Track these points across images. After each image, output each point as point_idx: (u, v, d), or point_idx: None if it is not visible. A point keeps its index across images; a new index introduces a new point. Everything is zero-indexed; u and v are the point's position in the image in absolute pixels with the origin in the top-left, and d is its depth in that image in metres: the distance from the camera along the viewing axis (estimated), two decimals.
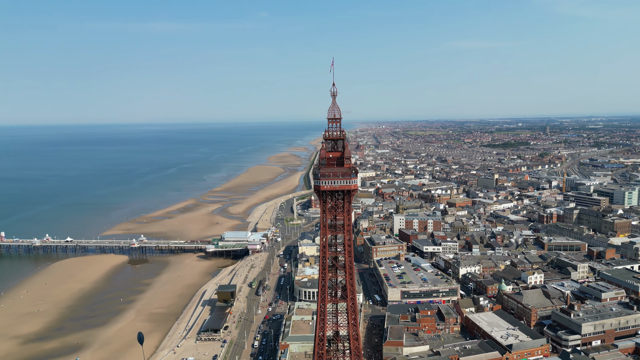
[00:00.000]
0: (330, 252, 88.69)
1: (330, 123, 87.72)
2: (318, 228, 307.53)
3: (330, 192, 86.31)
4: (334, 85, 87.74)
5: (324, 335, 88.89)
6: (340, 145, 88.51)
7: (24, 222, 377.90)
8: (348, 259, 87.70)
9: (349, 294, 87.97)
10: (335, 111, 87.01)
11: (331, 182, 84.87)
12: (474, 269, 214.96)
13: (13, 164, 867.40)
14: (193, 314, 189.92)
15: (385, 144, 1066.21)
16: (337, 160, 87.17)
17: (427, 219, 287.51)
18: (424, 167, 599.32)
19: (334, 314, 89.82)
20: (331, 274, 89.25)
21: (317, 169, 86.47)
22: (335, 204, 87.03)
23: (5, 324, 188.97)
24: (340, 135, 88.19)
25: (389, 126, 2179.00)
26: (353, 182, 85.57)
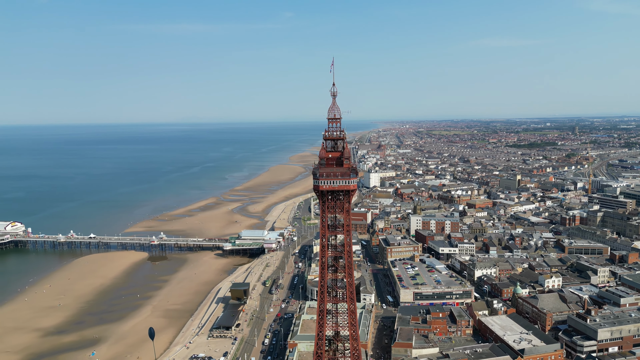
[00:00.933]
0: (331, 252, 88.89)
1: (330, 123, 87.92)
2: None
3: (330, 192, 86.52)
4: (334, 85, 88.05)
5: (324, 335, 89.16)
6: (340, 145, 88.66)
7: (51, 218, 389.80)
8: (347, 260, 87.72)
9: (348, 294, 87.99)
10: (335, 111, 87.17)
11: (330, 182, 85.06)
12: (490, 272, 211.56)
13: (44, 162, 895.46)
14: (207, 311, 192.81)
15: (407, 143, 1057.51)
16: (337, 160, 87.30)
17: (445, 220, 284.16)
18: (446, 167, 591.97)
19: (335, 314, 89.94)
20: (331, 274, 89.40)
21: (316, 169, 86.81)
22: (334, 204, 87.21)
23: (28, 317, 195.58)
24: (340, 135, 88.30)
25: (413, 126, 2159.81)
26: (352, 182, 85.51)
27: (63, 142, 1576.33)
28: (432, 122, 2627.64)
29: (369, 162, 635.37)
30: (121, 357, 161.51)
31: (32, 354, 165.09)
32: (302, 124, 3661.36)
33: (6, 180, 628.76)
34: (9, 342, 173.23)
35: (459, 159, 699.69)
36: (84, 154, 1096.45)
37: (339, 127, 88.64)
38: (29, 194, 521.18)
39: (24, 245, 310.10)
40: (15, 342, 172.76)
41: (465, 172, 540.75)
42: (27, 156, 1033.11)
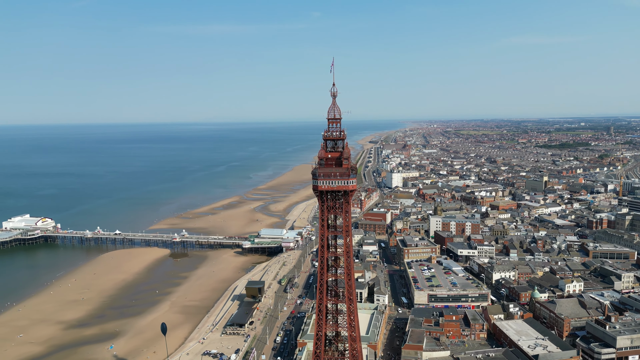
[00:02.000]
0: (331, 252, 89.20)
1: (330, 123, 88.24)
2: (353, 227, 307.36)
3: (329, 192, 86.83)
4: (334, 85, 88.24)
5: (322, 334, 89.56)
6: (340, 145, 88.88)
7: (81, 214, 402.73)
8: (347, 260, 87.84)
9: (347, 294, 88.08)
10: (335, 111, 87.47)
11: (329, 182, 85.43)
12: (509, 275, 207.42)
13: (76, 160, 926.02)
14: (222, 308, 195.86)
15: (434, 143, 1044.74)
16: (336, 160, 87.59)
17: (465, 221, 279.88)
18: (471, 167, 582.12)
19: (335, 314, 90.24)
20: (331, 274, 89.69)
21: (315, 169, 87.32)
22: (334, 204, 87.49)
23: (52, 309, 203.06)
24: (340, 135, 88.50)
25: (441, 125, 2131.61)
26: (351, 183, 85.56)
27: (95, 141, 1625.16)
28: (460, 122, 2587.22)
29: (393, 162, 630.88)
30: (138, 351, 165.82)
31: (54, 345, 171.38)
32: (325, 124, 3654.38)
33: (40, 178, 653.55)
34: (33, 333, 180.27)
35: (486, 159, 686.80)
36: (115, 152, 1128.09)
37: (339, 128, 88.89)
38: (61, 191, 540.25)
39: (53, 240, 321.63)
40: (40, 334, 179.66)
41: (491, 172, 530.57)
42: (61, 154, 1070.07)
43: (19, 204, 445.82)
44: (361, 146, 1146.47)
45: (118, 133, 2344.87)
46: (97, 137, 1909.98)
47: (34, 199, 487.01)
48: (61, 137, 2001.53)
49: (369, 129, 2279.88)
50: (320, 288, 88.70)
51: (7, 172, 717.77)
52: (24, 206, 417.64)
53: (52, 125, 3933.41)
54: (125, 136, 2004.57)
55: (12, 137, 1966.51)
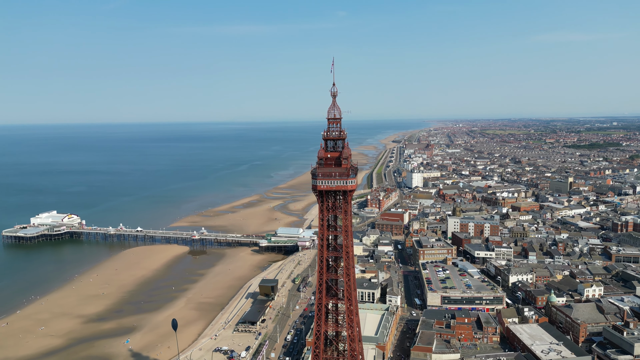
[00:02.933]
0: (331, 252, 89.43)
1: (330, 123, 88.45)
2: (370, 227, 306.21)
3: (328, 192, 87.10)
4: (334, 85, 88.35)
5: (321, 334, 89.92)
6: (340, 145, 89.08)
7: (106, 211, 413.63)
8: (346, 260, 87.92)
9: (346, 294, 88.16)
10: (335, 111, 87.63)
11: (328, 182, 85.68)
12: (526, 278, 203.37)
13: (104, 158, 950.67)
14: (236, 306, 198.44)
15: (458, 143, 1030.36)
16: (336, 160, 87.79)
17: (484, 222, 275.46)
18: (494, 168, 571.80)
19: (335, 314, 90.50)
20: (331, 274, 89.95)
21: (314, 169, 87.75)
22: (334, 204, 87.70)
23: (73, 303, 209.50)
24: (340, 135, 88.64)
25: (467, 125, 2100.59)
26: (350, 183, 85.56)
27: (122, 140, 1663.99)
28: (487, 121, 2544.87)
29: (414, 161, 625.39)
30: (152, 345, 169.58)
31: (73, 338, 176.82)
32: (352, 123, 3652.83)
33: (70, 175, 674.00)
34: (54, 326, 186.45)
35: (510, 159, 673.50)
36: (141, 151, 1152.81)
37: (339, 127, 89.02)
38: (88, 188, 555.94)
39: (78, 236, 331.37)
40: (60, 327, 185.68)
41: (515, 173, 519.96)
42: (90, 153, 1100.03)
43: (49, 200, 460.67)
44: (384, 145, 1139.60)
45: (145, 132, 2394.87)
46: (125, 136, 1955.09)
47: (63, 195, 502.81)
48: (89, 136, 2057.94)
49: (392, 128, 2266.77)
50: (320, 287, 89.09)
51: (38, 170, 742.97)
52: (53, 203, 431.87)
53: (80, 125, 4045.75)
54: (152, 135, 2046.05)
55: (41, 136, 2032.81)
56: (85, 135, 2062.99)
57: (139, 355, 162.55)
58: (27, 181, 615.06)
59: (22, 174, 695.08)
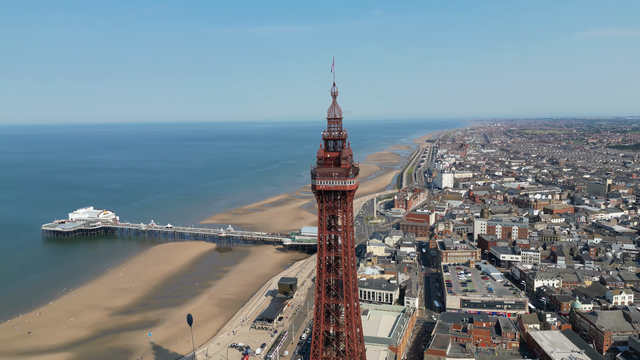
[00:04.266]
0: (331, 252, 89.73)
1: (330, 123, 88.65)
2: (395, 228, 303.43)
3: (327, 192, 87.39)
4: (335, 85, 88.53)
5: (320, 333, 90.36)
6: (341, 145, 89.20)
7: (140, 208, 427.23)
8: (345, 260, 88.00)
9: (345, 294, 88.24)
10: (335, 111, 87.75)
11: (327, 182, 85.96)
12: (552, 283, 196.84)
13: (143, 156, 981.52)
14: (256, 303, 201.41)
15: (494, 143, 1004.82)
16: (335, 160, 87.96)
17: (512, 225, 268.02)
18: (530, 169, 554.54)
19: (334, 314, 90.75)
20: (331, 274, 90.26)
21: (313, 169, 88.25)
22: (333, 204, 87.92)
23: (103, 296, 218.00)
24: (340, 135, 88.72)
25: (505, 124, 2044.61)
26: (349, 183, 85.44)
27: (161, 139, 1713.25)
28: (527, 121, 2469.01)
29: (447, 161, 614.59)
30: (173, 339, 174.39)
31: (99, 330, 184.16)
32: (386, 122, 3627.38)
33: (109, 173, 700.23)
34: (83, 317, 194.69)
35: (548, 160, 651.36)
36: (178, 149, 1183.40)
37: (339, 127, 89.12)
38: (126, 185, 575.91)
39: (112, 231, 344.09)
40: (88, 319, 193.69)
41: (551, 174, 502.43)
42: (130, 151, 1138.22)
43: (88, 196, 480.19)
44: (417, 145, 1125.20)
45: (182, 131, 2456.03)
46: (162, 135, 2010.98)
47: (101, 192, 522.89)
48: (128, 134, 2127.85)
49: (428, 128, 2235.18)
50: (319, 288, 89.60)
51: (80, 167, 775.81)
52: (91, 199, 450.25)
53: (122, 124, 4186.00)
54: (188, 134, 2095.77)
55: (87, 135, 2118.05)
56: (125, 134, 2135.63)
57: (159, 349, 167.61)
58: (68, 178, 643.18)
59: (65, 171, 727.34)
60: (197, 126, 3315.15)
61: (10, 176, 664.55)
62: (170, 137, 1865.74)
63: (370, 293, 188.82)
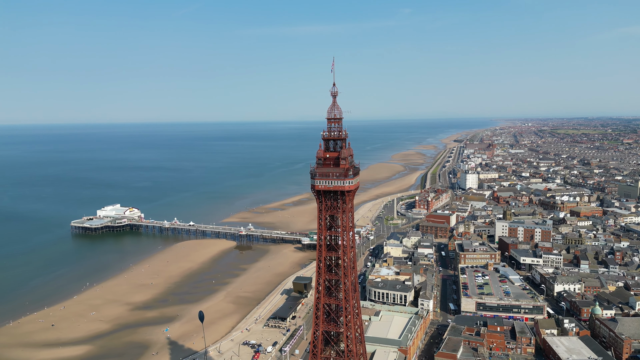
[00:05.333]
0: (331, 252, 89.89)
1: (330, 123, 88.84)
2: (414, 229, 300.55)
3: (326, 192, 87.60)
4: (335, 85, 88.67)
5: (320, 333, 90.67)
6: (341, 145, 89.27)
7: (166, 206, 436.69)
8: (344, 260, 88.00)
9: (344, 294, 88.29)
10: (335, 111, 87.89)
11: (325, 182, 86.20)
12: (573, 287, 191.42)
13: (173, 155, 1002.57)
14: (271, 301, 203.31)
15: (523, 143, 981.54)
16: (335, 160, 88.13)
17: (535, 227, 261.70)
18: (559, 170, 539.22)
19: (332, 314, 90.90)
20: (331, 274, 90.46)
21: (313, 169, 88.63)
22: (332, 204, 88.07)
23: (124, 292, 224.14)
24: (339, 135, 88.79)
25: (536, 124, 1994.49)
26: (347, 183, 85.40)
27: (191, 138, 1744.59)
28: (560, 120, 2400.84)
29: (472, 162, 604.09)
30: (189, 335, 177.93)
31: (119, 324, 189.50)
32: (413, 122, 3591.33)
33: (139, 171, 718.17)
34: (104, 312, 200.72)
35: (579, 161, 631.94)
36: (207, 149, 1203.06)
37: (338, 127, 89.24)
38: (153, 184, 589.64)
39: (137, 228, 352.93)
40: (109, 313, 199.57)
41: (581, 175, 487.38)
42: (159, 150, 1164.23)
43: (117, 194, 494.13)
44: (444, 145, 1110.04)
45: (211, 131, 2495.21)
46: (192, 135, 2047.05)
47: (129, 190, 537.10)
48: (158, 134, 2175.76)
49: (456, 127, 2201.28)
50: (319, 287, 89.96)
51: (112, 166, 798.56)
52: (119, 196, 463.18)
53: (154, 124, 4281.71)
54: (217, 134, 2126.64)
55: (118, 134, 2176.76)
56: (155, 134, 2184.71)
57: (174, 344, 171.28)
58: (99, 176, 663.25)
59: (96, 169, 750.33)
60: (225, 126, 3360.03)
61: (45, 174, 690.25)
62: (198, 136, 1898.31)
63: (384, 294, 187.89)
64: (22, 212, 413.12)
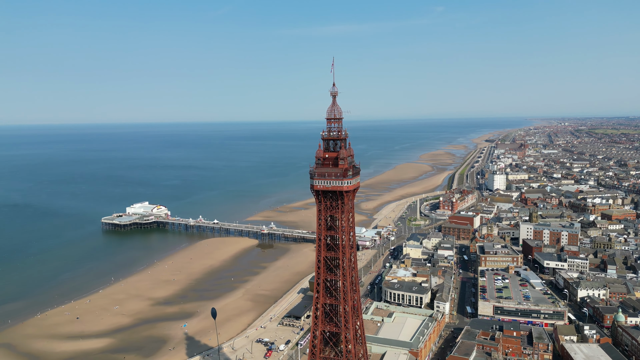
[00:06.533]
0: (330, 252, 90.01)
1: (329, 123, 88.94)
2: (437, 230, 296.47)
3: (325, 192, 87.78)
4: (334, 85, 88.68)
5: (319, 333, 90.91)
6: (339, 145, 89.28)
7: (193, 204, 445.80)
8: (342, 260, 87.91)
9: (342, 294, 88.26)
10: (335, 111, 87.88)
11: (324, 182, 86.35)
12: (597, 293, 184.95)
13: (203, 154, 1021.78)
14: (288, 300, 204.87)
15: (558, 143, 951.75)
16: (334, 160, 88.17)
17: (561, 230, 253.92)
18: (593, 171, 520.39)
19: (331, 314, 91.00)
20: (329, 274, 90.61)
21: (312, 169, 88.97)
22: (331, 204, 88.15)
23: (147, 287, 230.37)
24: (338, 135, 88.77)
25: (573, 123, 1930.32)
26: (346, 183, 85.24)
27: (222, 138, 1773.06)
28: (599, 119, 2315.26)
29: (502, 162, 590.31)
30: (205, 331, 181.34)
31: (140, 318, 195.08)
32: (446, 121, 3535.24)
33: (170, 170, 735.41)
34: (127, 306, 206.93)
35: (615, 162, 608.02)
36: (236, 148, 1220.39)
37: (338, 127, 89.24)
38: (183, 182, 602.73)
39: (164, 225, 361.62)
40: (131, 307, 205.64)
41: (616, 177, 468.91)
42: (191, 150, 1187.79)
43: (147, 192, 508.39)
44: (475, 145, 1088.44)
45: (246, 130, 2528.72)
46: (224, 134, 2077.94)
47: (159, 188, 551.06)
48: (193, 133, 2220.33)
49: (488, 127, 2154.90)
50: (317, 287, 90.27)
51: (144, 164, 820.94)
52: (149, 194, 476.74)
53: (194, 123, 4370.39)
54: (251, 133, 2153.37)
55: (151, 133, 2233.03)
56: (188, 133, 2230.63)
57: (191, 339, 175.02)
58: (131, 174, 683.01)
59: (129, 167, 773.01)
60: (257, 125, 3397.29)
61: (80, 172, 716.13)
62: (230, 136, 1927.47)
63: (400, 295, 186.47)
64: (57, 209, 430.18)
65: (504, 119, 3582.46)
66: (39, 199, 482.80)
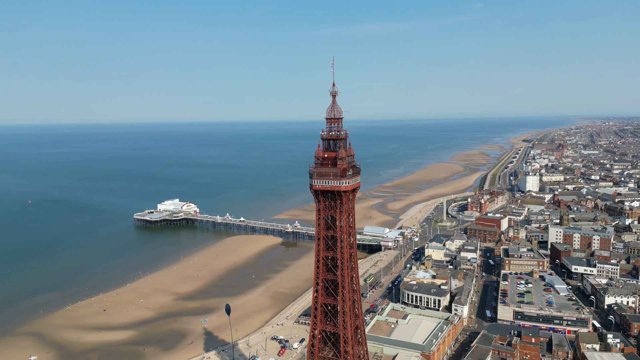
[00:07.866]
0: (330, 252, 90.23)
1: (329, 123, 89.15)
2: (462, 232, 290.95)
3: (324, 192, 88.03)
4: (334, 85, 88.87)
5: (318, 333, 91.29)
6: (339, 145, 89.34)
7: (222, 201, 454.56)
8: (341, 260, 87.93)
9: (340, 294, 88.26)
10: (335, 111, 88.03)
11: (323, 182, 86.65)
12: (626, 300, 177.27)
13: (237, 153, 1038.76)
14: (306, 298, 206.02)
15: (599, 143, 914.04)
16: (333, 160, 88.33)
17: (593, 234, 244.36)
18: (634, 173, 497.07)
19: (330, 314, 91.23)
20: (330, 274, 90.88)
21: (311, 169, 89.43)
22: (331, 204, 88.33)
23: (172, 282, 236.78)
24: (338, 135, 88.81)
25: (618, 123, 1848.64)
26: (345, 183, 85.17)
27: (256, 137, 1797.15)
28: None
29: (537, 163, 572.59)
30: (225, 327, 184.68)
31: (162, 312, 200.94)
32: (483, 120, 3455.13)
33: (202, 168, 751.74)
34: (151, 300, 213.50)
35: None
36: (270, 147, 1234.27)
37: (337, 127, 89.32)
38: (214, 180, 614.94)
39: (192, 222, 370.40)
40: (155, 301, 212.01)
41: None
42: (225, 148, 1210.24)
43: (179, 189, 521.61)
44: (511, 145, 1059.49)
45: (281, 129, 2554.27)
46: (258, 134, 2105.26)
47: (191, 185, 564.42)
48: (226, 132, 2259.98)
49: (527, 127, 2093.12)
50: (317, 287, 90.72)
51: (178, 162, 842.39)
52: (181, 191, 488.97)
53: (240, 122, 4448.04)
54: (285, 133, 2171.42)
55: (185, 132, 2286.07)
56: (224, 132, 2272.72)
57: (209, 334, 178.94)
58: (165, 171, 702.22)
59: (164, 165, 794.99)
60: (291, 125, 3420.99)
61: (118, 169, 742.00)
62: (264, 135, 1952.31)
63: (418, 297, 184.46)
64: (94, 204, 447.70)
65: (544, 118, 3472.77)
66: (78, 195, 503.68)
